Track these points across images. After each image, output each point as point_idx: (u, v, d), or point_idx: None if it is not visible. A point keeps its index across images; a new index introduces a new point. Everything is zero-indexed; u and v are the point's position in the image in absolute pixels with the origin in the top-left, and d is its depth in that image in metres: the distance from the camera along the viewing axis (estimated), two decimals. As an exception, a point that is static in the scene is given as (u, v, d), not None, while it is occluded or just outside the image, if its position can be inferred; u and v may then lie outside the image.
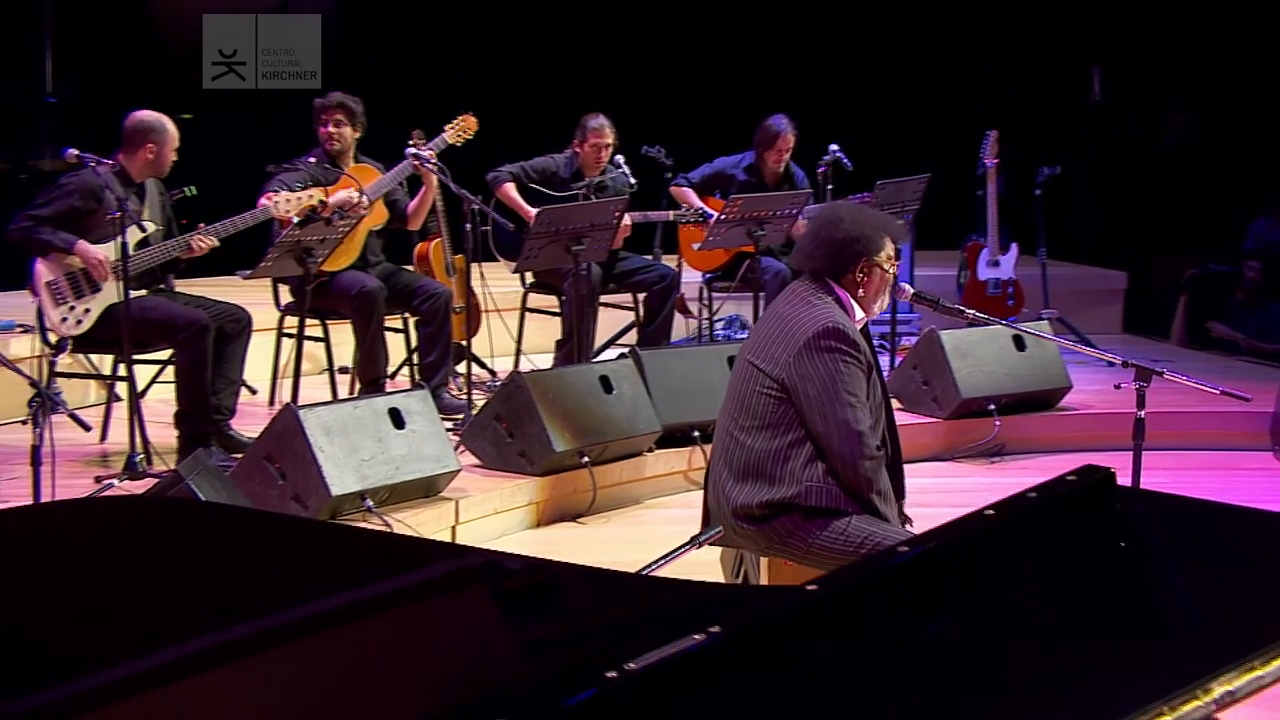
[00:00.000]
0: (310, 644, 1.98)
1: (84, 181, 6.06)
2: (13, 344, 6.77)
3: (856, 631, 1.87)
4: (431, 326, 7.12)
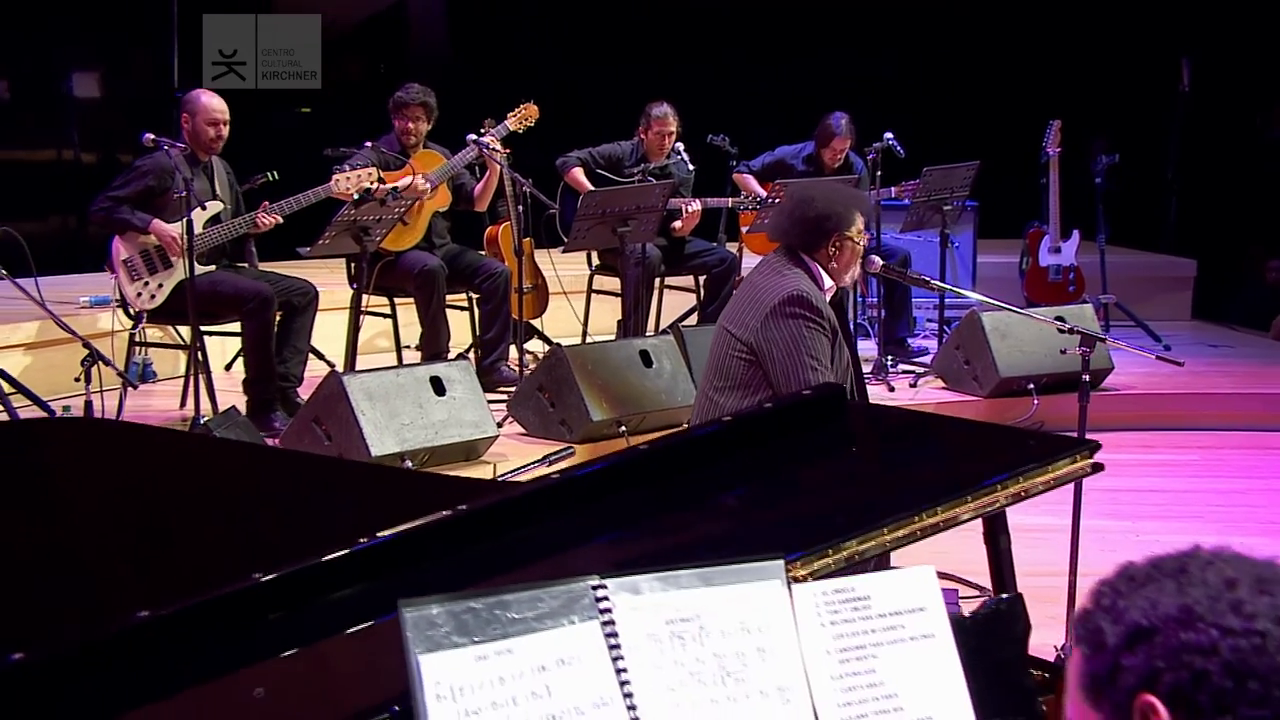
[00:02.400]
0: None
1: (157, 163, 6.58)
2: (101, 318, 7.34)
3: (598, 506, 2.23)
4: (491, 304, 7.55)
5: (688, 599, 1.84)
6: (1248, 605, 1.30)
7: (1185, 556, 1.38)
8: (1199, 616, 1.31)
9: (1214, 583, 1.33)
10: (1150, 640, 1.32)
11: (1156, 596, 1.33)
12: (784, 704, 1.85)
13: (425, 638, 1.68)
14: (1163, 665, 1.30)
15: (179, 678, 1.93)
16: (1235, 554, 1.39)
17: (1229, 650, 1.28)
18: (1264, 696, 1.27)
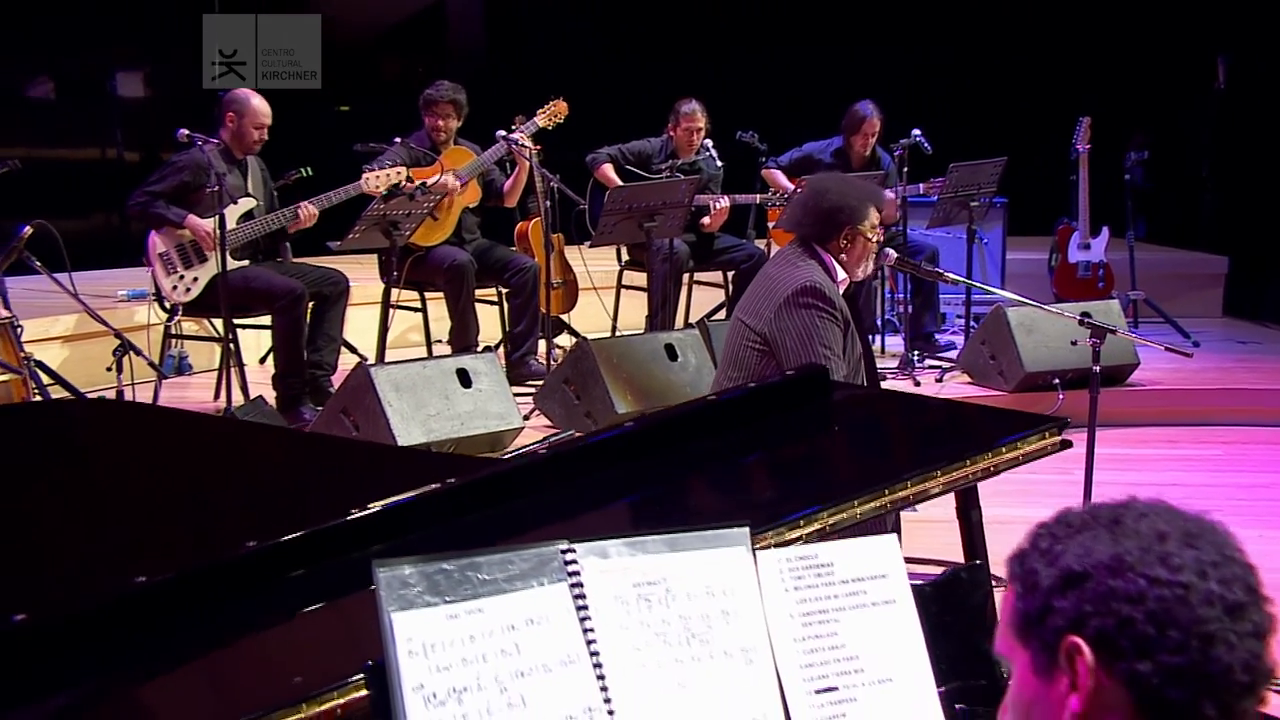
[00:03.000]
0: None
1: (192, 158, 6.72)
2: (138, 312, 7.48)
3: (582, 480, 2.31)
4: (520, 299, 7.65)
5: (654, 563, 1.92)
6: (1175, 558, 1.37)
7: (1121, 507, 1.44)
8: (1129, 565, 1.37)
9: (1146, 534, 1.39)
10: (1082, 585, 1.38)
11: (1091, 544, 1.40)
12: (747, 664, 1.93)
13: (398, 596, 1.76)
14: (1091, 610, 1.37)
15: (180, 637, 2.02)
16: (1168, 507, 1.45)
17: (1154, 599, 1.35)
18: (1183, 644, 1.34)
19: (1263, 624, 1.37)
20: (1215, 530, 1.42)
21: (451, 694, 1.75)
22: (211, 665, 2.02)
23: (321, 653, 2.00)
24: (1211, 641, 1.34)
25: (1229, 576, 1.37)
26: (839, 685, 1.96)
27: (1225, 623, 1.34)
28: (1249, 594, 1.37)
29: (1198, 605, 1.34)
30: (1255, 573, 1.41)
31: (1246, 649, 1.35)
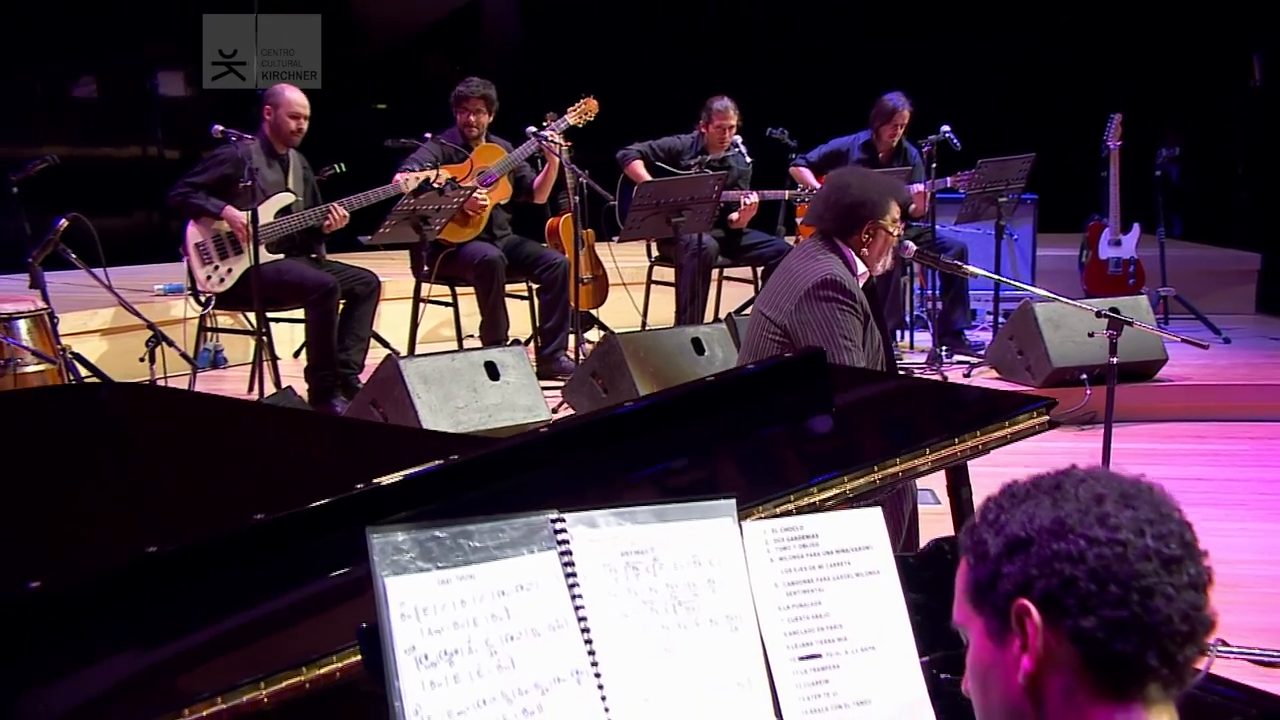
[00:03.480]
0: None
1: (234, 152, 6.83)
2: (174, 306, 7.61)
3: (581, 456, 2.38)
4: (551, 294, 7.73)
5: (642, 533, 1.98)
6: (1113, 518, 1.43)
7: (1062, 475, 1.50)
8: (1069, 528, 1.43)
9: (1084, 498, 1.45)
10: (1026, 550, 1.44)
11: (1034, 510, 1.46)
12: (732, 631, 1.99)
13: (391, 562, 1.83)
14: (1036, 572, 1.43)
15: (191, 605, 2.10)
16: (1107, 472, 1.51)
17: (1094, 558, 1.41)
18: (1123, 599, 1.40)
19: (1199, 576, 1.43)
20: (1152, 491, 1.48)
21: (443, 656, 1.82)
22: (221, 631, 2.09)
23: (326, 619, 2.07)
24: (1150, 594, 1.39)
25: (1165, 533, 1.42)
26: (822, 652, 2.02)
27: (1162, 576, 1.40)
28: (1185, 548, 1.43)
29: (1135, 561, 1.40)
30: (1191, 529, 1.46)
31: (1185, 600, 1.40)
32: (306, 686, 1.94)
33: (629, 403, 2.44)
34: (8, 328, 5.42)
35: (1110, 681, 1.42)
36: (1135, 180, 9.22)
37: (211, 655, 2.02)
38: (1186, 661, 1.42)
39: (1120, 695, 1.42)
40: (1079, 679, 1.42)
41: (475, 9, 12.89)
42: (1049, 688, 1.44)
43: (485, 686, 1.83)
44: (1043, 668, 1.43)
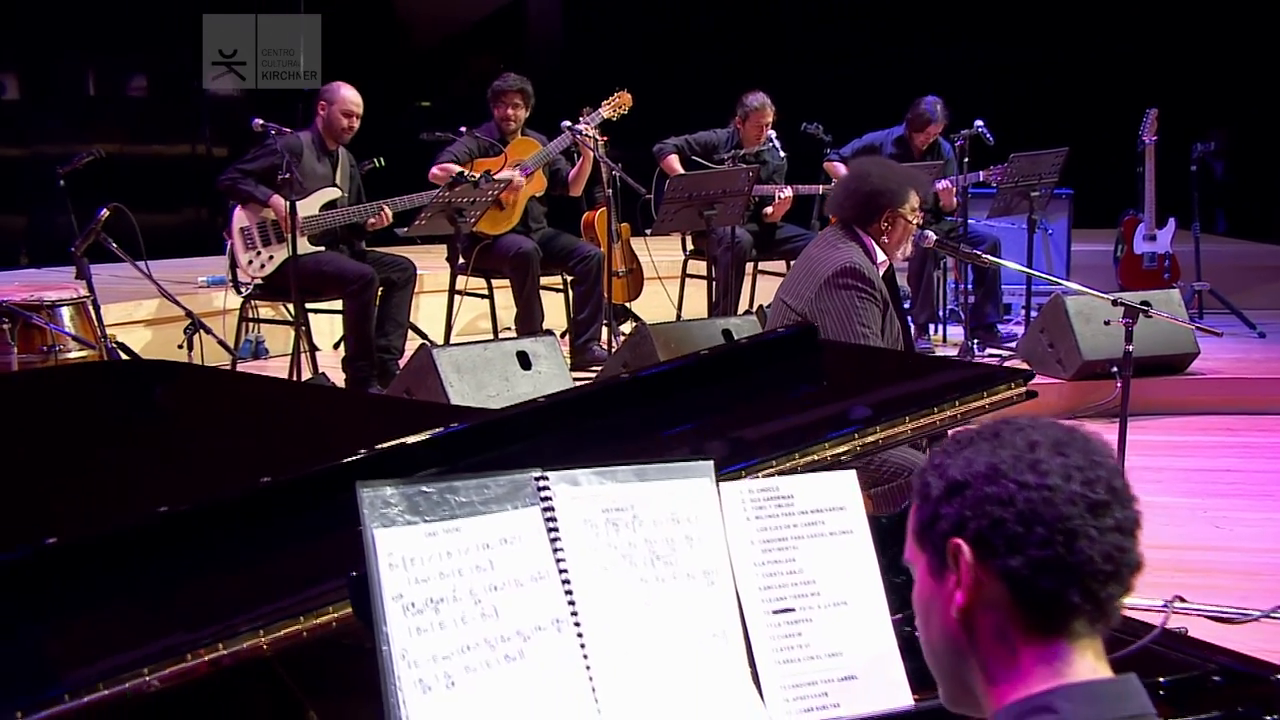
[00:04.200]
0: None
1: (286, 143, 6.98)
2: (216, 297, 7.77)
3: (577, 425, 2.47)
4: (584, 286, 7.84)
5: (623, 491, 2.08)
6: (1043, 464, 1.51)
7: (1003, 423, 1.59)
8: (1002, 473, 1.52)
9: (1019, 445, 1.54)
10: (963, 493, 1.54)
11: (972, 456, 1.55)
12: (709, 585, 2.08)
13: (380, 514, 1.93)
14: (970, 514, 1.52)
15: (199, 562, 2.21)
16: (1047, 421, 1.59)
17: (1023, 501, 1.50)
18: (1048, 539, 1.48)
19: (1125, 520, 1.51)
20: (1087, 440, 1.56)
21: (429, 604, 1.92)
22: (226, 585, 2.20)
23: (326, 573, 2.17)
24: (1074, 536, 1.48)
25: (1092, 479, 1.50)
26: (796, 607, 2.11)
27: (1087, 519, 1.48)
28: (1111, 494, 1.51)
29: (1061, 505, 1.48)
30: (1122, 476, 1.54)
31: (1108, 541, 1.49)
32: (304, 635, 2.05)
33: (623, 375, 2.54)
34: (51, 314, 5.58)
35: (1037, 616, 1.50)
36: (1172, 175, 9.24)
37: (218, 606, 2.13)
38: (1110, 599, 1.50)
39: (1046, 629, 1.50)
40: (1008, 614, 1.51)
41: (519, 7, 13.04)
42: (980, 621, 1.53)
43: (469, 633, 1.93)
44: (974, 602, 1.52)
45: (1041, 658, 1.50)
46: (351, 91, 7.22)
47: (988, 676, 1.54)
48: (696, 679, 2.03)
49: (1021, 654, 1.51)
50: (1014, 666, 1.52)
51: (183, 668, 1.98)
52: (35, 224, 10.02)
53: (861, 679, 2.09)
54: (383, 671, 1.87)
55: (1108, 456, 1.55)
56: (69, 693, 1.90)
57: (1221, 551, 5.61)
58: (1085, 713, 1.47)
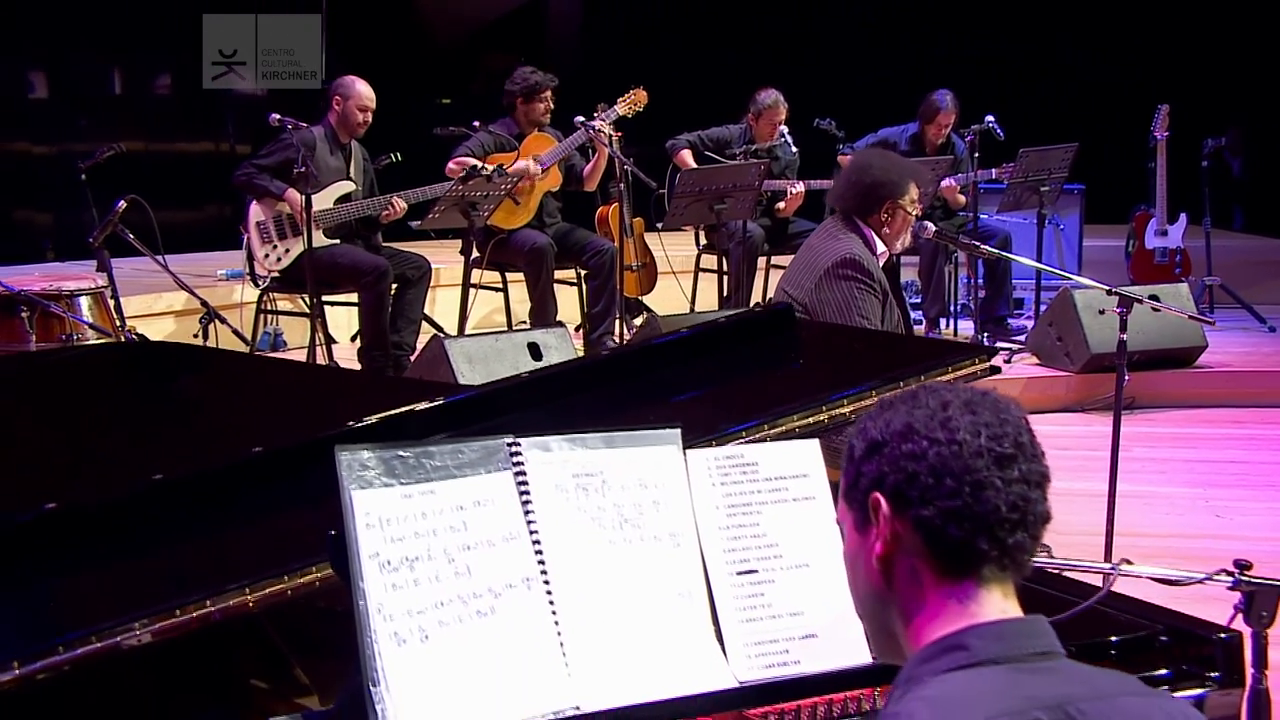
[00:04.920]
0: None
1: (300, 137, 7.09)
2: (235, 290, 7.91)
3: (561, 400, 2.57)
4: (599, 280, 7.93)
5: (592, 457, 2.17)
6: (954, 422, 1.61)
7: (922, 388, 1.69)
8: (916, 431, 1.62)
9: (933, 405, 1.64)
10: (881, 451, 1.64)
11: (891, 417, 1.65)
12: (675, 548, 2.18)
13: (357, 477, 2.03)
14: (887, 470, 1.62)
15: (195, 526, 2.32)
16: (964, 386, 1.69)
17: (934, 456, 1.60)
18: (956, 490, 1.58)
19: (1031, 473, 1.61)
20: (998, 401, 1.66)
21: (404, 562, 2.02)
22: (219, 547, 2.30)
23: (313, 536, 2.26)
24: (981, 487, 1.58)
25: (999, 434, 1.60)
26: (759, 568, 2.20)
27: (993, 471, 1.58)
28: (1017, 448, 1.60)
29: (969, 459, 1.58)
30: (1029, 433, 1.63)
31: (1014, 492, 1.59)
32: (289, 593, 2.15)
33: (605, 352, 2.63)
34: (70, 304, 5.71)
35: (948, 562, 1.60)
36: (1184, 170, 9.29)
37: (208, 566, 2.23)
38: (1017, 546, 1.60)
39: (958, 574, 1.60)
40: (923, 561, 1.61)
41: (540, 5, 13.15)
42: (899, 569, 1.63)
43: (443, 590, 2.03)
44: (892, 551, 1.63)
45: (954, 601, 1.61)
46: (366, 86, 7.33)
47: (906, 620, 1.64)
48: (662, 636, 2.12)
49: (935, 598, 1.61)
50: (929, 610, 1.62)
51: (174, 622, 2.08)
52: (60, 220, 10.16)
53: (822, 637, 2.19)
54: (359, 625, 1.97)
55: (1017, 416, 1.64)
56: (63, 644, 2.01)
57: (1221, 539, 5.68)
58: (994, 649, 1.56)
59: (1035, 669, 1.58)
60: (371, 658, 1.95)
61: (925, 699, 1.56)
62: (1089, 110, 10.93)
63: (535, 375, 2.60)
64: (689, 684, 2.09)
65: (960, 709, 1.52)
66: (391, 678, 1.95)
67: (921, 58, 10.58)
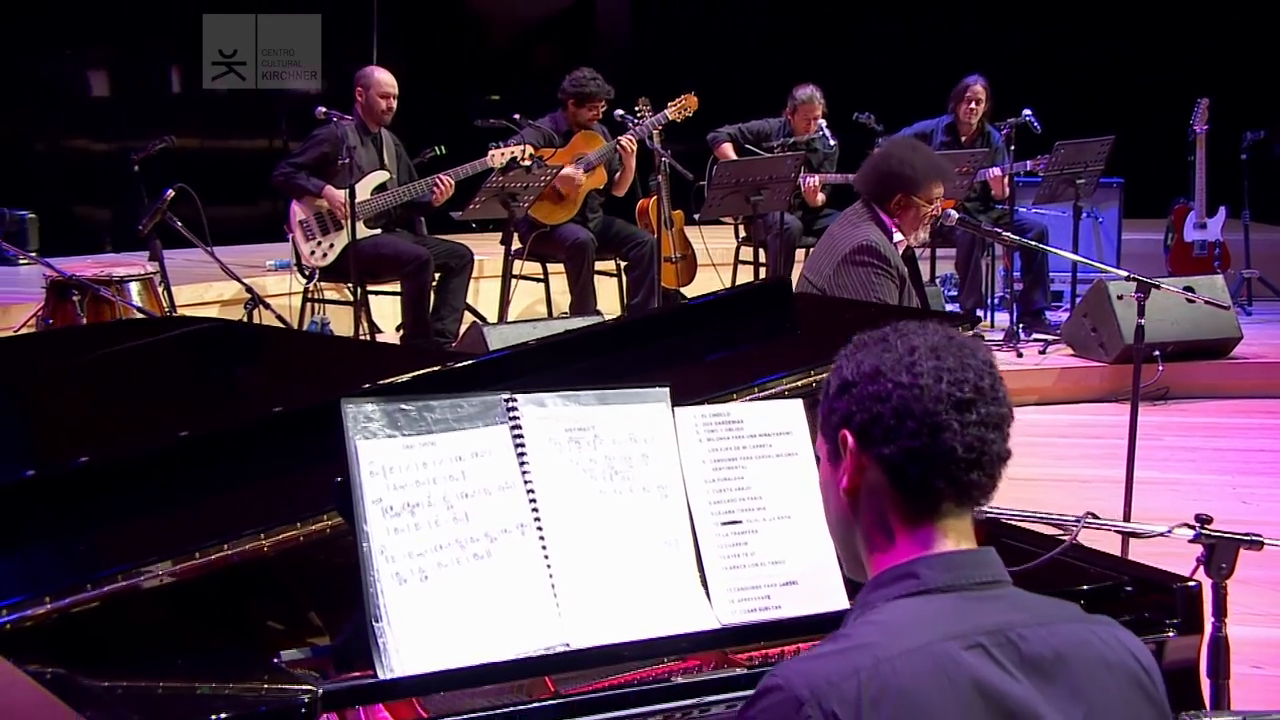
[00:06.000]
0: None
1: (331, 132, 7.28)
2: (284, 280, 8.10)
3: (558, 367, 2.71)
4: (638, 271, 8.07)
5: (585, 413, 2.31)
6: (919, 366, 1.72)
7: (892, 329, 1.80)
8: (883, 374, 1.73)
9: (901, 350, 1.75)
10: (850, 390, 1.75)
11: (862, 359, 1.77)
12: (663, 499, 2.31)
13: (362, 428, 2.17)
14: (855, 409, 1.74)
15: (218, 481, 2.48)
16: (934, 328, 1.79)
17: (897, 399, 1.71)
18: (916, 431, 1.70)
19: (989, 416, 1.71)
20: (964, 346, 1.76)
21: (405, 507, 2.16)
22: (242, 498, 2.46)
23: (324, 489, 2.41)
24: (939, 429, 1.69)
25: (960, 379, 1.71)
26: (743, 519, 2.33)
27: (952, 415, 1.69)
28: (977, 393, 1.71)
29: (929, 402, 1.70)
30: (989, 377, 1.73)
31: (971, 434, 1.69)
32: (300, 539, 2.30)
33: (611, 320, 2.77)
34: (120, 289, 5.91)
35: (908, 498, 1.72)
36: (1224, 164, 9.32)
37: (230, 515, 2.38)
38: (973, 484, 1.71)
39: (917, 509, 1.72)
40: (885, 495, 1.73)
41: (589, 3, 13.30)
42: (864, 500, 1.75)
43: (442, 534, 2.17)
44: (858, 484, 1.75)
45: (911, 533, 1.72)
46: (385, 74, 7.52)
47: (868, 548, 1.77)
48: (649, 580, 2.26)
49: (895, 530, 1.73)
50: (889, 540, 1.74)
51: (194, 564, 2.23)
52: (118, 214, 10.40)
53: (802, 584, 2.31)
54: (363, 566, 2.11)
55: (981, 361, 1.75)
56: (91, 582, 2.17)
57: (1245, 525, 5.70)
58: (943, 578, 1.68)
59: (981, 597, 1.69)
60: (374, 595, 2.10)
61: (875, 622, 1.68)
62: (1129, 104, 10.95)
63: (542, 342, 2.73)
64: (674, 625, 2.22)
65: (908, 632, 1.64)
66: (393, 614, 2.09)
67: (960, 52, 10.61)
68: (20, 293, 7.52)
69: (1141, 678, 1.70)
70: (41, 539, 2.34)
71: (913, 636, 1.63)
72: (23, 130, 10.45)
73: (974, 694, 1.61)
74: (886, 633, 1.65)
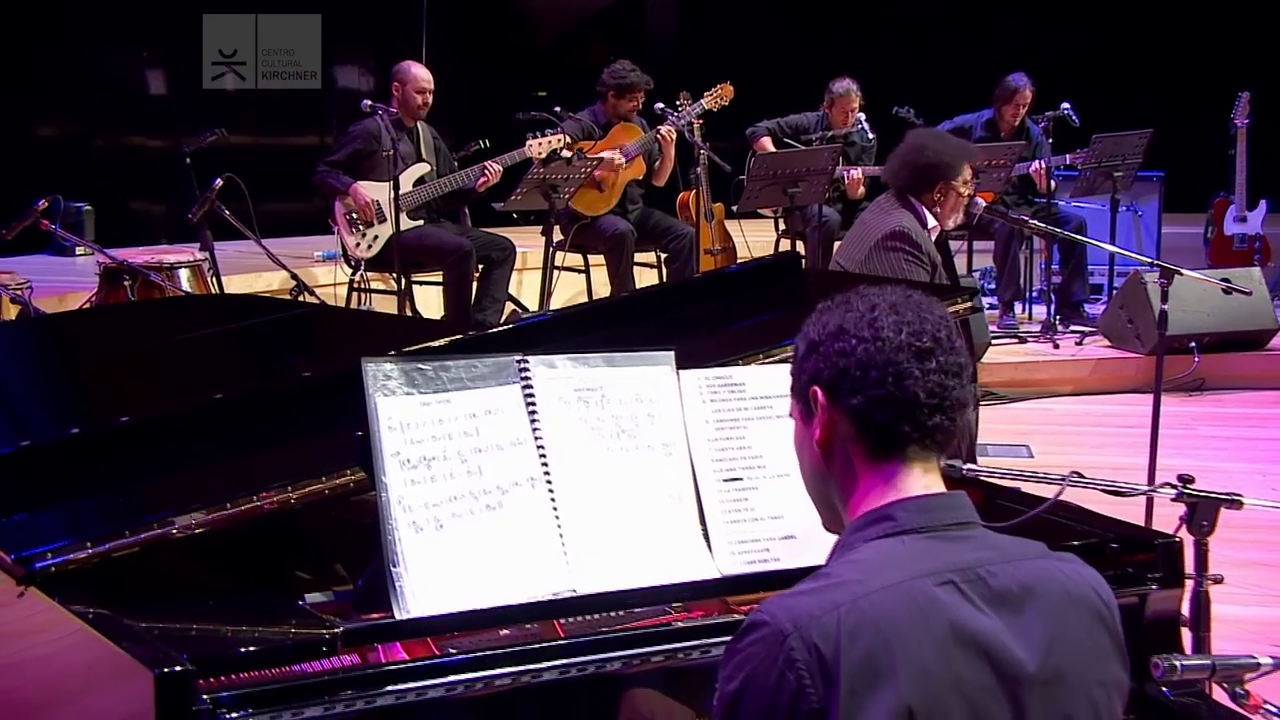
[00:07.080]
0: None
1: (365, 128, 7.45)
2: (330, 271, 8.29)
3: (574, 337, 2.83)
4: (678, 263, 8.20)
5: (594, 374, 2.44)
6: (879, 322, 1.84)
7: (853, 292, 1.91)
8: (846, 331, 1.85)
9: (862, 308, 1.87)
10: (817, 349, 1.87)
11: (826, 320, 1.89)
12: (667, 456, 2.43)
13: (381, 385, 2.30)
14: (823, 366, 1.86)
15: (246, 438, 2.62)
16: (892, 288, 1.91)
17: (861, 353, 1.83)
18: (880, 380, 1.81)
19: (948, 364, 1.83)
20: (921, 302, 1.88)
21: (422, 460, 2.29)
22: (271, 457, 2.60)
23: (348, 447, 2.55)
24: (902, 377, 1.81)
25: (919, 331, 1.83)
26: (743, 477, 2.45)
27: (913, 364, 1.81)
28: (935, 343, 1.83)
29: (891, 353, 1.81)
30: (946, 329, 1.85)
31: (932, 380, 1.81)
32: (325, 492, 2.44)
33: (625, 294, 2.90)
34: (170, 275, 6.10)
35: (876, 444, 1.84)
36: (1267, 158, 9.34)
37: (259, 470, 2.52)
38: (936, 428, 1.82)
39: (885, 454, 1.84)
40: (855, 444, 1.85)
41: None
42: (836, 451, 1.87)
43: (456, 486, 2.30)
44: (829, 436, 1.86)
45: (882, 478, 1.84)
46: (422, 69, 7.69)
47: (844, 496, 1.88)
48: (653, 532, 2.38)
49: (867, 476, 1.85)
50: (862, 487, 1.86)
51: (227, 514, 2.37)
52: (173, 209, 10.61)
53: (800, 538, 2.43)
54: (381, 515, 2.25)
55: (938, 314, 1.87)
56: (129, 529, 2.32)
57: (1273, 511, 5.79)
58: (917, 519, 1.80)
59: (952, 537, 1.81)
60: (392, 543, 2.23)
61: (854, 562, 1.80)
62: (1170, 98, 10.97)
63: (559, 313, 2.87)
64: (677, 574, 2.35)
65: (884, 570, 1.76)
66: (409, 560, 2.22)
67: (999, 45, 10.70)
68: (75, 281, 7.73)
69: (1102, 610, 1.81)
70: (84, 491, 2.50)
71: (889, 574, 1.75)
72: (82, 126, 10.68)
73: (945, 626, 1.72)
74: (864, 571, 1.77)
